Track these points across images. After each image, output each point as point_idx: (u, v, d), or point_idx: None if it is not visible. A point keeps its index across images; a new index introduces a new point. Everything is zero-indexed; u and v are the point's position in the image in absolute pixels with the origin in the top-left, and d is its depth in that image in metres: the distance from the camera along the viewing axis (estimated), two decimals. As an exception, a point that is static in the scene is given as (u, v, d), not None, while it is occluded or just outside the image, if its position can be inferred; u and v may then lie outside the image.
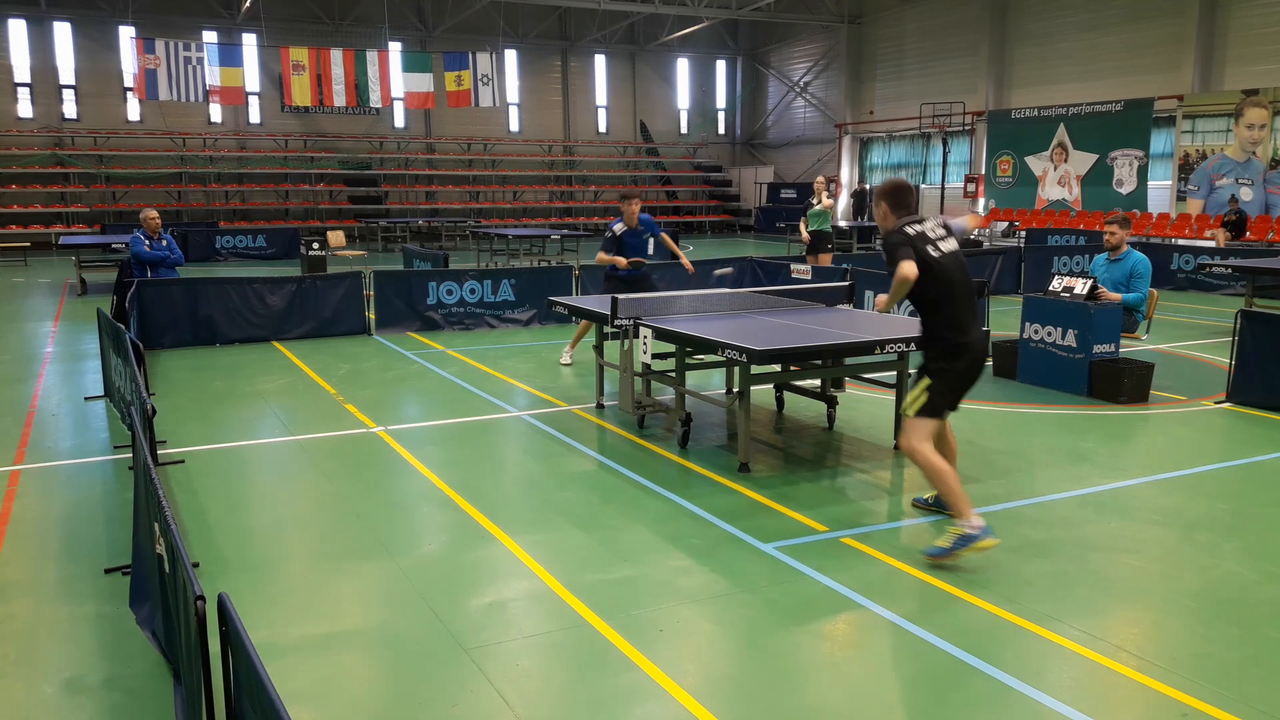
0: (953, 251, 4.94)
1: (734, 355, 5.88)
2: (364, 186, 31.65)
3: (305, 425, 7.50)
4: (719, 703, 3.50)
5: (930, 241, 4.90)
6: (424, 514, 5.54)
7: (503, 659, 3.81)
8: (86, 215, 27.41)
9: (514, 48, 33.23)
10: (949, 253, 4.92)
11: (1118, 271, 8.69)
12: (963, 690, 3.58)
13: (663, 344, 6.86)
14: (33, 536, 5.17)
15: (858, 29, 32.28)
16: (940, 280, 4.86)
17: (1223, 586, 4.48)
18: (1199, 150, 22.49)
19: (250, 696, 2.30)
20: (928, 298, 4.91)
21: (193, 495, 5.79)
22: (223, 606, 2.51)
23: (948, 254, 4.92)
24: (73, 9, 27.53)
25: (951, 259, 4.92)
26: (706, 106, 37.87)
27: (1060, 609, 4.21)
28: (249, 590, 4.42)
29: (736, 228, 36.02)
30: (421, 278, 12.42)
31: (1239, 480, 6.12)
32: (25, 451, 6.80)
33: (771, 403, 8.06)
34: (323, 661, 3.83)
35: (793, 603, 4.31)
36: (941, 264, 4.87)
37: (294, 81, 26.13)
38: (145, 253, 12.62)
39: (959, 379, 4.94)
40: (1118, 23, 24.12)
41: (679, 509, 5.51)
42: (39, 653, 3.92)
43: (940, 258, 4.88)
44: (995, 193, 27.69)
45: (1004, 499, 5.67)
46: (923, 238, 4.90)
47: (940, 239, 4.95)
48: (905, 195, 5.06)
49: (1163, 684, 3.60)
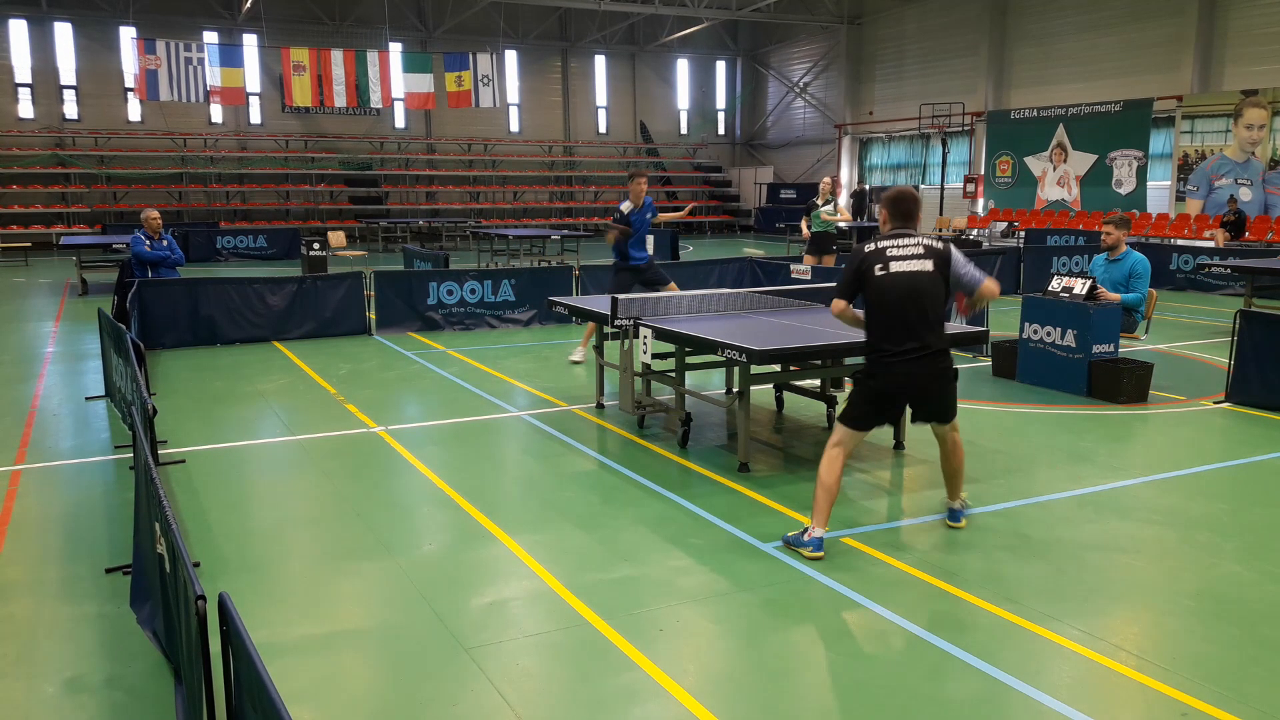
0: (908, 272, 4.80)
1: (734, 355, 5.89)
2: (364, 187, 31.67)
3: (306, 425, 7.50)
4: (719, 702, 3.50)
5: (885, 259, 4.83)
6: (424, 514, 5.55)
7: (503, 658, 3.82)
8: (87, 215, 27.43)
9: (514, 48, 33.24)
10: (901, 272, 4.80)
11: (1117, 272, 8.70)
12: (962, 690, 3.58)
13: (663, 344, 6.87)
14: (33, 536, 5.18)
15: (857, 29, 32.29)
16: (873, 297, 4.86)
17: (1222, 586, 4.48)
18: (1198, 150, 22.49)
19: (251, 696, 2.31)
20: (867, 310, 4.95)
21: (193, 495, 5.79)
22: (223, 606, 2.52)
23: (897, 273, 4.79)
24: (74, 9, 27.54)
25: (900, 279, 4.79)
26: (706, 107, 37.88)
27: (1060, 609, 4.22)
28: (249, 590, 4.43)
29: (736, 228, 36.03)
30: (422, 278, 12.43)
31: (1238, 480, 6.13)
32: (26, 451, 6.80)
33: (771, 403, 8.07)
34: (323, 661, 3.83)
35: (793, 603, 4.31)
36: (880, 283, 4.81)
37: (295, 82, 26.14)
38: (146, 253, 12.63)
39: (873, 397, 4.92)
40: (1117, 23, 24.13)
41: (679, 509, 5.52)
42: (40, 652, 3.92)
43: (883, 276, 4.80)
44: (994, 193, 27.69)
45: (1003, 499, 5.68)
46: (878, 254, 4.85)
47: (905, 257, 4.82)
48: (905, 205, 5.02)
49: (1162, 684, 3.61)
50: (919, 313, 4.82)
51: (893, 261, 4.84)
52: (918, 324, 4.82)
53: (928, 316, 4.84)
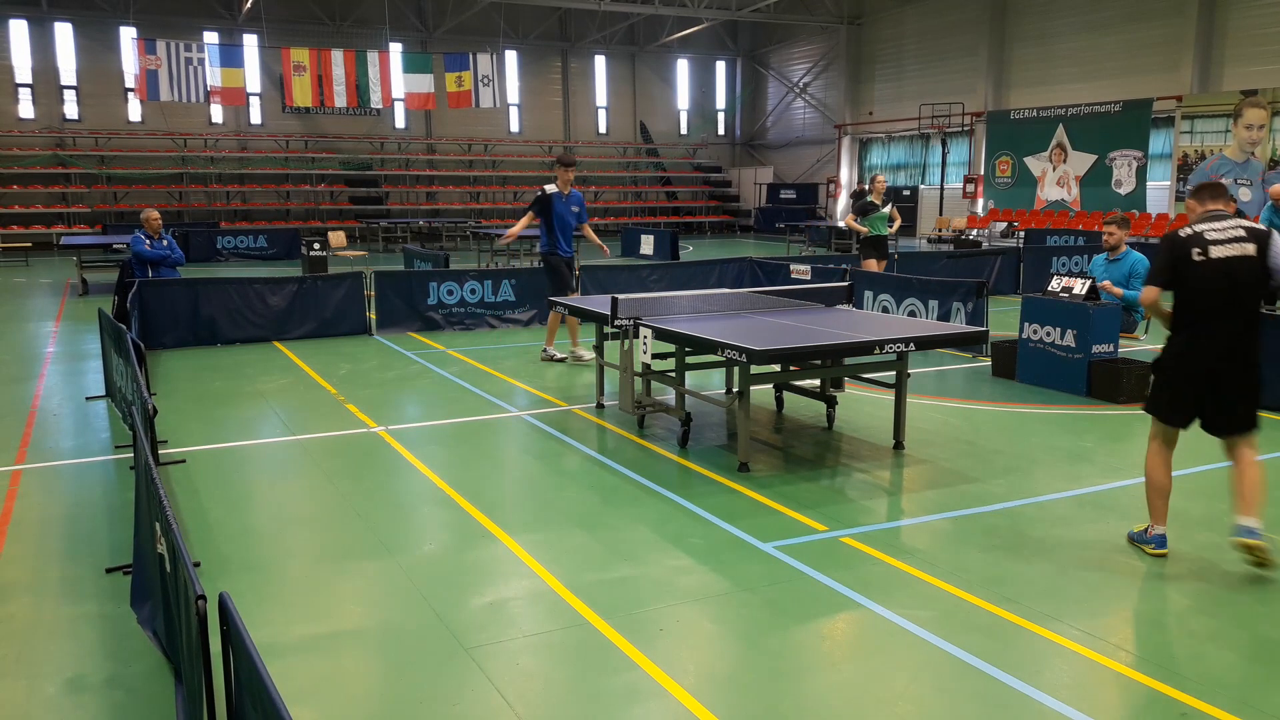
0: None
1: (734, 355, 5.89)
2: (365, 187, 31.67)
3: (306, 425, 7.51)
4: (719, 702, 3.51)
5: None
6: (424, 513, 5.55)
7: (503, 658, 3.82)
8: (88, 215, 27.42)
9: (514, 48, 33.24)
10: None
11: (1116, 272, 8.70)
12: (962, 689, 3.59)
13: (663, 344, 6.87)
14: (34, 536, 5.18)
15: (857, 30, 32.29)
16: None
17: (1222, 586, 4.48)
18: (1198, 151, 22.49)
19: (251, 696, 2.31)
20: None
21: (194, 495, 5.80)
22: (224, 606, 2.52)
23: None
24: (74, 10, 27.54)
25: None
26: (706, 107, 37.88)
27: (1060, 609, 4.22)
28: (250, 590, 4.43)
29: (736, 228, 36.02)
30: (422, 278, 12.43)
31: (1238, 480, 6.12)
32: (26, 451, 6.81)
33: (771, 403, 8.07)
34: (324, 661, 3.84)
35: (793, 602, 4.32)
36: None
37: (295, 82, 26.14)
38: (146, 253, 12.63)
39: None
40: (1117, 23, 24.13)
41: (679, 509, 5.52)
42: (40, 652, 3.93)
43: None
44: (994, 193, 27.69)
45: (1004, 498, 5.68)
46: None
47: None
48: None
49: (1162, 684, 3.61)
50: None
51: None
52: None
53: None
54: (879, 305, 11.75)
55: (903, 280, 11.67)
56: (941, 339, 6.92)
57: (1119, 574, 4.63)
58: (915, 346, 6.27)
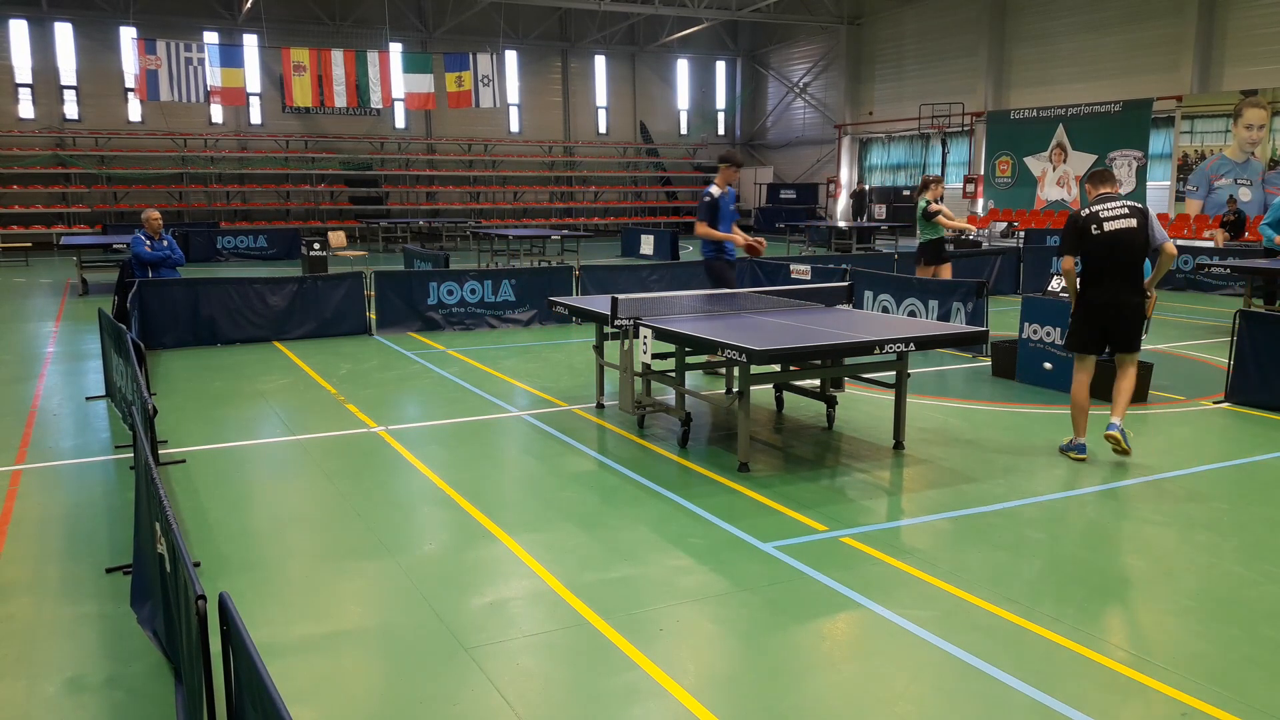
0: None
1: (734, 355, 5.89)
2: (365, 187, 31.68)
3: (306, 425, 7.51)
4: (719, 702, 3.51)
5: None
6: (424, 513, 5.55)
7: (503, 658, 3.82)
8: (88, 216, 27.43)
9: (514, 48, 33.25)
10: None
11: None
12: (962, 689, 3.58)
13: (663, 344, 6.87)
14: (34, 536, 5.18)
15: (857, 30, 32.29)
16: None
17: (1222, 586, 4.48)
18: (1198, 151, 22.50)
19: (251, 696, 2.31)
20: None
21: (194, 495, 5.80)
22: (224, 606, 2.52)
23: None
24: (74, 10, 27.54)
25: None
26: (706, 107, 37.89)
27: (1060, 609, 4.22)
28: (250, 590, 4.43)
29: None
30: (422, 278, 12.43)
31: (1238, 480, 6.13)
32: (26, 451, 6.81)
33: (771, 403, 8.07)
34: (323, 661, 3.84)
35: (793, 602, 4.31)
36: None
37: (295, 82, 26.15)
38: (146, 253, 12.63)
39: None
40: (1117, 23, 24.14)
41: (679, 509, 5.52)
42: (40, 652, 3.92)
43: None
44: (994, 193, 27.70)
45: (1004, 498, 5.68)
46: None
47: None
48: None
49: (1162, 684, 3.61)
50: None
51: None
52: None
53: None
54: (879, 305, 11.74)
55: (903, 280, 11.67)
56: (941, 339, 6.92)
57: (1119, 574, 4.63)
58: (915, 346, 6.27)
